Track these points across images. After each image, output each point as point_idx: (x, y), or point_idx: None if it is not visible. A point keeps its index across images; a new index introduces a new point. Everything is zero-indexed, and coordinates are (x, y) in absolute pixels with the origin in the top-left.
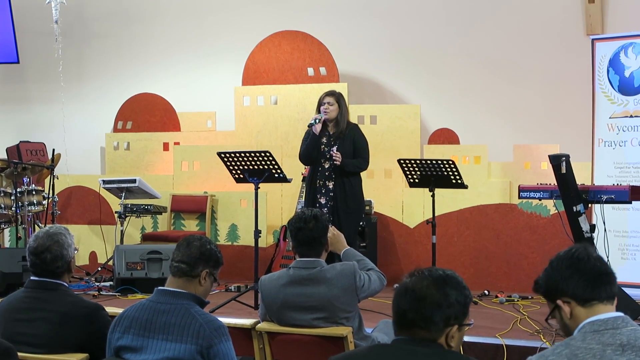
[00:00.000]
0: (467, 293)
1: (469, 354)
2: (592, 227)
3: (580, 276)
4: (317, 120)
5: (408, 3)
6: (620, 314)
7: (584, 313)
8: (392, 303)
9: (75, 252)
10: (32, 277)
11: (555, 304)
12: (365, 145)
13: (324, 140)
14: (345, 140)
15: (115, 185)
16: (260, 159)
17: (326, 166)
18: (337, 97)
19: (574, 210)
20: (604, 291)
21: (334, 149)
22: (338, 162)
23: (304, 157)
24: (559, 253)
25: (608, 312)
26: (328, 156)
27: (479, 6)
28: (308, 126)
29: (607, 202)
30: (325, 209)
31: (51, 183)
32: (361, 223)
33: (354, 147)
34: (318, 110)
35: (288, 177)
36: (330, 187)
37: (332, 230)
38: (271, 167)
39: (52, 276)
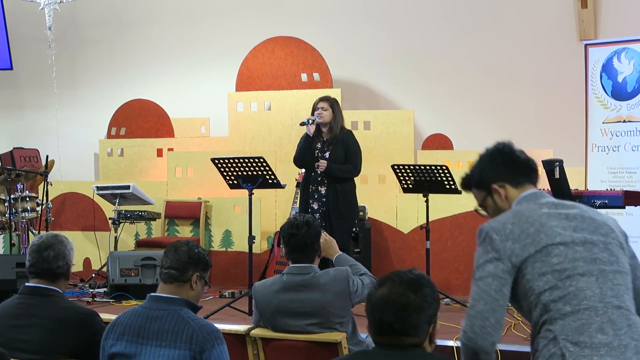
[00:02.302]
0: (436, 288)
1: None
2: None
3: (513, 162)
4: (310, 121)
5: (402, 9)
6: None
7: (516, 193)
8: (370, 315)
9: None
10: (26, 284)
11: (491, 188)
12: (357, 151)
13: (318, 145)
14: (338, 146)
15: (109, 192)
16: (254, 164)
17: (319, 171)
18: (332, 102)
19: None
20: (534, 175)
21: (327, 154)
22: (321, 170)
23: (298, 159)
24: (486, 148)
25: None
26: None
27: (472, 12)
28: (300, 124)
29: (600, 207)
30: (318, 214)
31: (45, 189)
32: (354, 229)
33: (346, 153)
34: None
35: (282, 182)
36: (323, 192)
37: (325, 236)
38: (265, 173)
39: (50, 276)
